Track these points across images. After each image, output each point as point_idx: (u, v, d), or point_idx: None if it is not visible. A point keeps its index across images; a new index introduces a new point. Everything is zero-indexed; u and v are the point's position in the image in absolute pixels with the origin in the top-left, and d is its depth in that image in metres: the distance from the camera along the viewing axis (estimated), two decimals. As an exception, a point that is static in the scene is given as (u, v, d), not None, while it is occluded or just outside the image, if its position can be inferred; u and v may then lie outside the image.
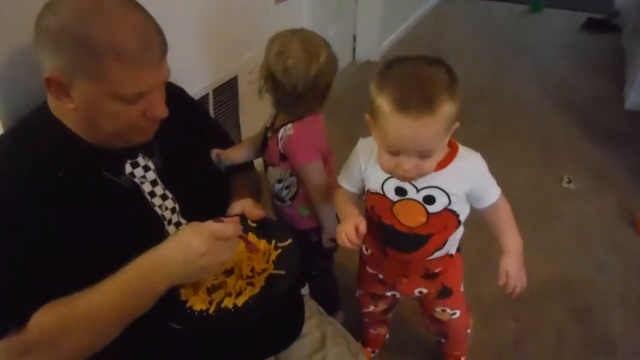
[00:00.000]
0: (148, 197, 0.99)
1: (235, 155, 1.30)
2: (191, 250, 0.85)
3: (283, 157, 1.32)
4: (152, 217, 0.98)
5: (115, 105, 0.85)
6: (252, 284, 0.97)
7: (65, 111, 0.89)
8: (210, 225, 0.87)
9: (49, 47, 0.82)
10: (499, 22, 4.86)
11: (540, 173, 2.67)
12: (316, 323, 1.20)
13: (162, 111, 0.91)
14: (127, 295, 0.84)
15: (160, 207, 1.00)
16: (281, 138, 1.29)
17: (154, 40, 0.86)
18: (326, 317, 1.26)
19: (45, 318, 0.81)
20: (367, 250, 1.37)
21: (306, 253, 1.49)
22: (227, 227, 0.88)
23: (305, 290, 1.71)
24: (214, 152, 1.24)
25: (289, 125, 1.28)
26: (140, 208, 0.97)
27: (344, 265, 1.68)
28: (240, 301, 0.93)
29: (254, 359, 1.10)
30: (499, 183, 1.21)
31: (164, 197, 1.00)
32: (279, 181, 1.38)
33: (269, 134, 1.35)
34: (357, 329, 1.65)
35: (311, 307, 1.25)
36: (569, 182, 2.56)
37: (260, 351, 1.10)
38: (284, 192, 1.38)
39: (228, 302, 0.93)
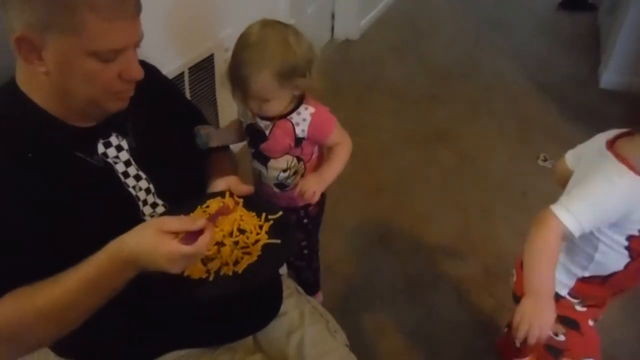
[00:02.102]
0: (121, 177, 0.96)
1: (225, 137, 1.30)
2: (161, 267, 0.82)
3: (299, 142, 1.28)
4: (126, 198, 0.96)
5: (90, 63, 0.83)
6: (248, 254, 0.96)
7: (35, 82, 0.86)
8: (182, 249, 0.81)
9: (19, 4, 0.79)
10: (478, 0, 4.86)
11: (516, 151, 2.70)
12: (294, 302, 1.20)
13: (137, 72, 0.89)
14: (92, 290, 0.82)
15: (134, 187, 0.98)
16: (297, 123, 1.26)
17: None
18: (304, 296, 1.26)
19: (5, 311, 0.80)
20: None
21: (303, 227, 1.48)
22: (199, 247, 0.82)
23: (283, 270, 1.71)
24: (203, 129, 1.21)
25: (301, 107, 1.25)
26: (113, 189, 0.95)
27: (323, 247, 1.69)
28: (240, 268, 0.93)
29: (232, 338, 1.10)
30: (477, 161, 1.21)
31: (137, 178, 0.98)
32: (285, 170, 1.33)
33: (270, 126, 1.27)
34: (336, 308, 1.66)
35: (289, 286, 1.25)
36: (545, 160, 2.59)
37: (238, 331, 1.11)
38: (290, 179, 1.35)
39: (227, 270, 0.93)
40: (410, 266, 2.02)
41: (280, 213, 1.03)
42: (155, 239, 0.80)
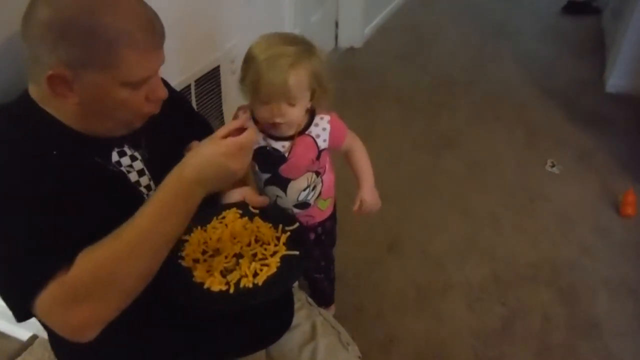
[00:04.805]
0: (135, 185, 0.98)
1: None
2: (223, 168, 0.87)
3: (319, 154, 1.26)
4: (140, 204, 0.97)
5: (124, 92, 0.86)
6: (266, 265, 0.97)
7: (57, 103, 0.87)
8: (236, 139, 0.88)
9: (51, 42, 0.80)
10: (481, 5, 4.86)
11: (524, 157, 2.69)
12: (306, 314, 1.20)
13: (163, 92, 0.94)
14: (168, 215, 0.85)
15: (147, 196, 0.99)
16: (317, 135, 1.23)
17: (157, 24, 0.88)
18: (316, 308, 1.25)
19: (94, 256, 0.80)
20: None
21: (321, 243, 1.47)
22: (248, 134, 0.90)
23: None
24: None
25: (316, 119, 1.24)
26: (130, 195, 0.97)
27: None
28: (259, 280, 0.94)
29: (245, 352, 1.09)
30: (484, 168, 1.21)
31: (148, 188, 0.99)
32: (305, 189, 1.30)
33: (289, 145, 1.22)
34: (346, 318, 1.65)
35: (300, 298, 1.24)
36: (553, 166, 2.58)
37: (250, 344, 1.10)
38: (310, 196, 1.32)
39: (247, 282, 0.94)
40: (420, 274, 2.01)
41: (297, 224, 1.04)
42: (211, 146, 0.88)
